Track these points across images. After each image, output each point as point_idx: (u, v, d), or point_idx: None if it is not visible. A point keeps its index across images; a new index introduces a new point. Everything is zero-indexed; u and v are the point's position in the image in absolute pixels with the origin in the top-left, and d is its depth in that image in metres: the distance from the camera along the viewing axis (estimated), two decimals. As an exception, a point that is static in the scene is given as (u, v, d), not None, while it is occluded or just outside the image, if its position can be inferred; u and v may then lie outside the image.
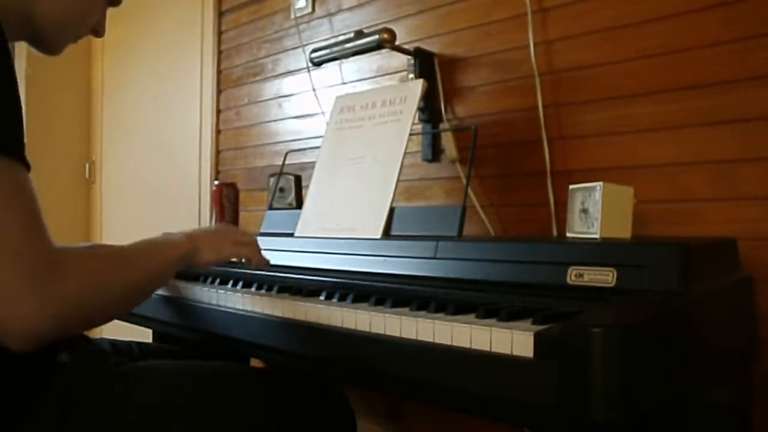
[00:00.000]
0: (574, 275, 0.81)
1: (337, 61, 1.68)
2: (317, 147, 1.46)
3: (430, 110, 1.50)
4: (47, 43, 0.88)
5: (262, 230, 1.49)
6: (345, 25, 1.80)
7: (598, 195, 0.97)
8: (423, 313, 0.80)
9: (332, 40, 1.55)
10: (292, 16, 1.95)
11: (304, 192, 1.53)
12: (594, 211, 0.98)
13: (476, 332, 0.69)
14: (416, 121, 1.31)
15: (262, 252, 1.03)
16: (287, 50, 1.99)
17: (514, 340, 0.66)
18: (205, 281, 1.16)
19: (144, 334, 1.27)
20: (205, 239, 0.94)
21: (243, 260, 1.02)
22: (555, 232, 1.31)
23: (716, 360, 0.86)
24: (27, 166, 0.70)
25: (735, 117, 1.11)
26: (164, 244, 0.89)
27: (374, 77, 1.71)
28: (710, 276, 0.84)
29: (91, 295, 0.72)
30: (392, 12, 1.67)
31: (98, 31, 0.94)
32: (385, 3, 1.69)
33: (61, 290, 0.67)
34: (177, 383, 0.89)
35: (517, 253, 0.89)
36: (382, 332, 0.79)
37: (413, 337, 0.75)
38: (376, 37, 1.40)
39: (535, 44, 1.35)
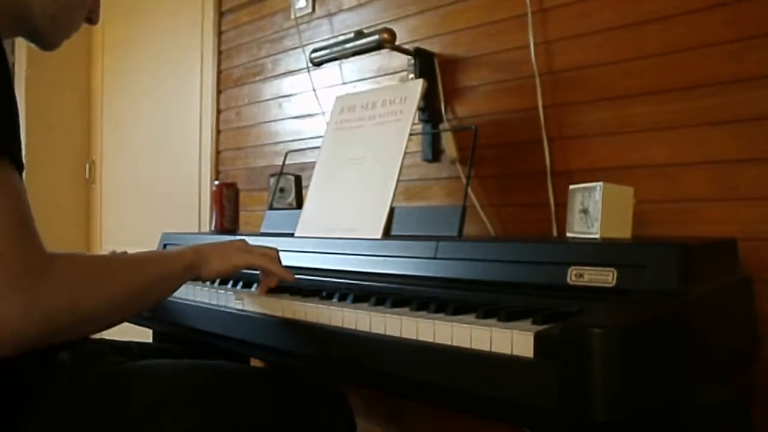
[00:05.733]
0: (574, 275, 0.81)
1: (337, 61, 1.68)
2: (317, 147, 1.46)
3: (430, 110, 1.50)
4: (43, 37, 0.87)
5: (262, 230, 1.49)
6: (345, 25, 1.80)
7: (598, 195, 0.98)
8: (423, 313, 0.80)
9: (332, 41, 1.55)
10: (292, 17, 1.95)
11: (304, 192, 1.53)
12: (594, 211, 0.98)
13: (476, 332, 0.69)
14: (416, 121, 1.31)
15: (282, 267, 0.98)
16: (287, 50, 1.99)
17: (514, 340, 0.66)
18: (205, 281, 1.16)
19: (144, 334, 1.27)
20: (213, 250, 0.90)
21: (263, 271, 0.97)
22: (555, 232, 1.31)
23: (716, 360, 0.86)
24: (18, 165, 0.67)
25: (735, 117, 1.11)
26: (167, 254, 0.86)
27: (374, 77, 1.71)
28: (710, 276, 0.84)
29: (82, 299, 0.68)
30: (392, 12, 1.67)
31: (92, 18, 0.93)
32: (385, 3, 1.69)
33: (49, 293, 0.64)
34: (177, 383, 0.90)
35: (517, 253, 0.89)
36: (382, 332, 0.79)
37: (413, 337, 0.75)
38: (376, 37, 1.40)
39: (535, 44, 1.35)
